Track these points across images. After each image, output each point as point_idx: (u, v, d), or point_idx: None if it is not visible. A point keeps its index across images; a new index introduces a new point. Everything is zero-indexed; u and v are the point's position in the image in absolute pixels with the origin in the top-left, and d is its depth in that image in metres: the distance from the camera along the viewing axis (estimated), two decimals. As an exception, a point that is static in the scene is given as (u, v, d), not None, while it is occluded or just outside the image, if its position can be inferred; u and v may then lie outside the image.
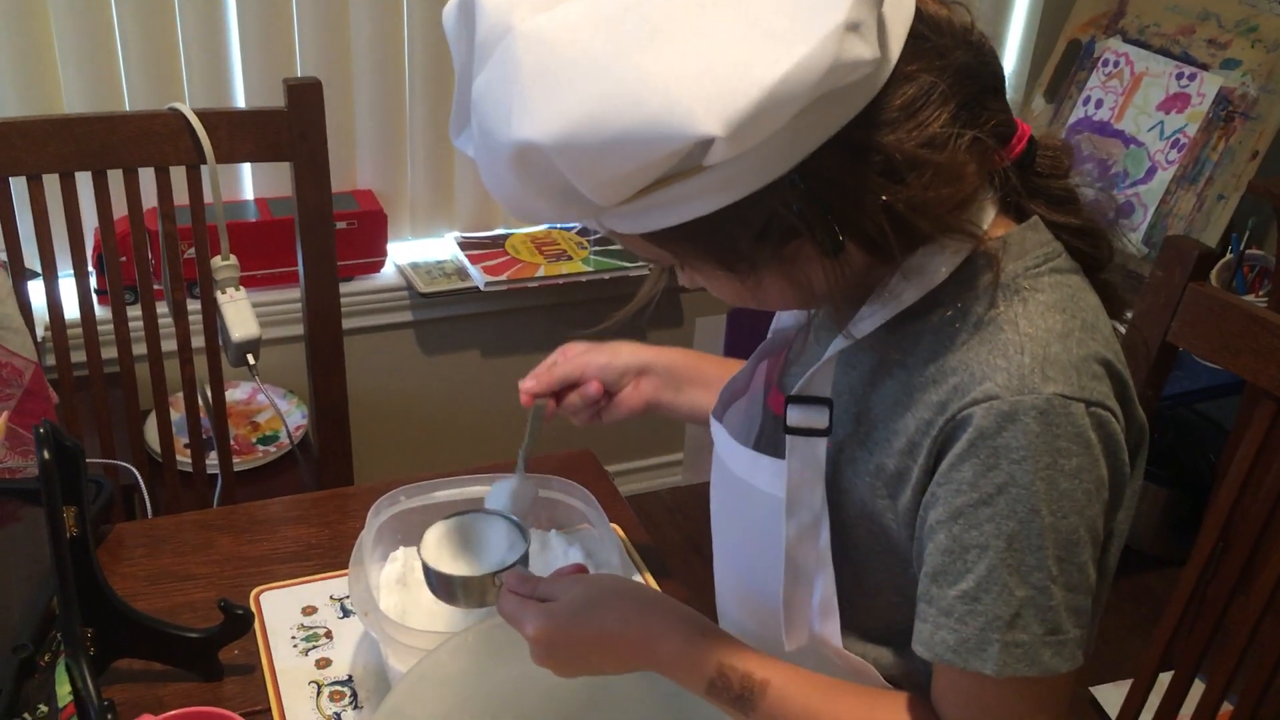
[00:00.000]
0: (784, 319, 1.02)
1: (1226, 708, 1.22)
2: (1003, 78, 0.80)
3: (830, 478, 0.86)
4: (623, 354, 1.13)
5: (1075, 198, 0.85)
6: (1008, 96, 0.81)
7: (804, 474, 0.85)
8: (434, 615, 1.09)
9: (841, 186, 0.73)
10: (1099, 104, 2.38)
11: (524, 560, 0.99)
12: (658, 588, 1.22)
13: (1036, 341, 0.77)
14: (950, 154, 0.75)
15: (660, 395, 1.14)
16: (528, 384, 1.10)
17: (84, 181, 1.49)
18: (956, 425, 0.78)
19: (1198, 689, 1.23)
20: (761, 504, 0.89)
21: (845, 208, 0.74)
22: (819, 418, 0.84)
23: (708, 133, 0.66)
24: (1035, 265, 0.81)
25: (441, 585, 0.99)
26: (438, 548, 1.01)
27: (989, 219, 0.81)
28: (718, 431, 0.97)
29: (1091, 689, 2.09)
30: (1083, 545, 0.77)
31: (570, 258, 2.33)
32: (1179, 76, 2.27)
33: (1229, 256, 2.30)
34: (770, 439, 0.96)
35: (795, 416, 0.84)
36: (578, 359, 1.12)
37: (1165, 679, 1.26)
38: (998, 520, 0.76)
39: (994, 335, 0.78)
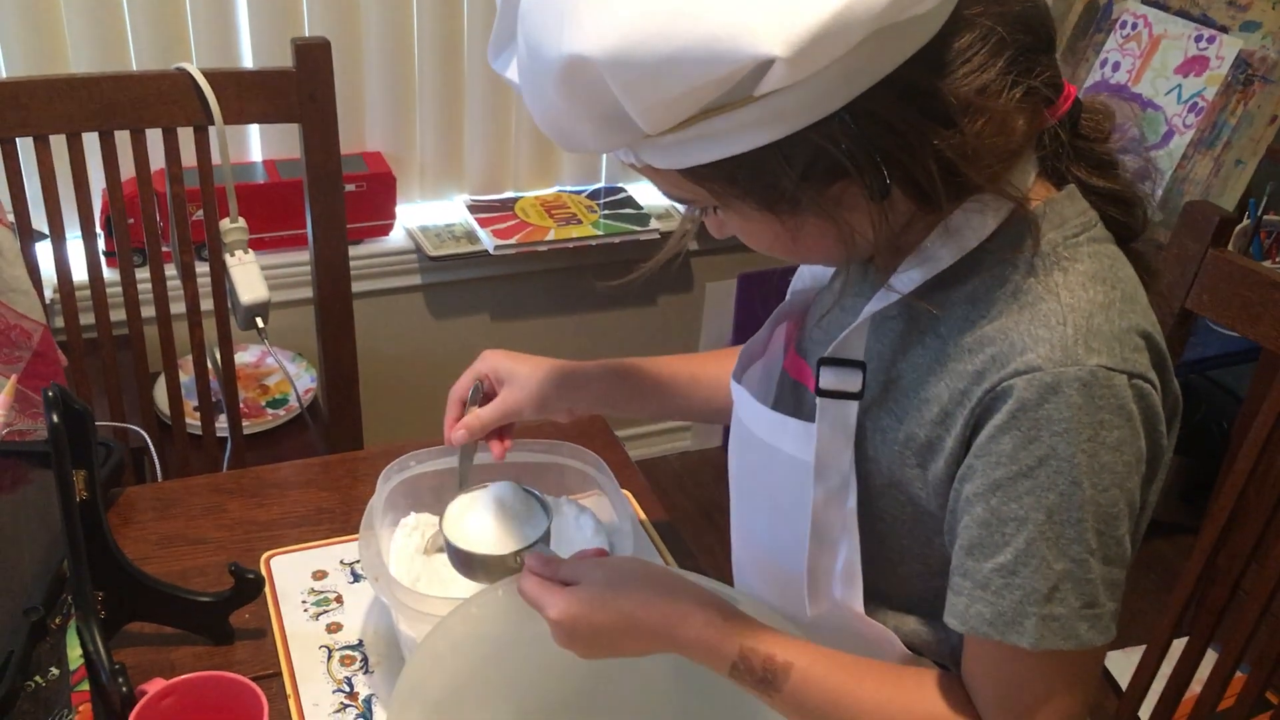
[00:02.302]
0: (803, 279, 1.01)
1: (1239, 676, 1.21)
2: (1054, 35, 0.78)
3: (856, 445, 0.85)
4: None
5: (1116, 162, 0.84)
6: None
7: (833, 437, 0.84)
8: (445, 581, 1.08)
9: (892, 128, 0.72)
10: (1116, 66, 2.35)
11: (546, 537, 0.99)
12: (669, 555, 1.22)
13: (1079, 312, 0.76)
14: (1004, 103, 0.74)
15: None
16: (458, 435, 1.06)
17: (91, 142, 1.47)
18: (996, 396, 0.76)
19: (1210, 658, 1.23)
20: (786, 467, 0.88)
21: (895, 150, 0.73)
22: (852, 381, 0.83)
23: (769, 53, 0.64)
24: (1074, 234, 0.79)
25: (462, 561, 0.99)
26: (460, 520, 1.00)
27: (1029, 181, 0.80)
28: (739, 394, 0.95)
29: (1100, 655, 2.09)
30: (1121, 518, 0.76)
31: (580, 221, 2.31)
32: (1198, 39, 2.24)
33: (1246, 222, 2.27)
34: (788, 402, 0.95)
35: (827, 379, 0.83)
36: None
37: (1177, 647, 1.26)
38: (1038, 493, 0.75)
39: (1034, 304, 0.77)
